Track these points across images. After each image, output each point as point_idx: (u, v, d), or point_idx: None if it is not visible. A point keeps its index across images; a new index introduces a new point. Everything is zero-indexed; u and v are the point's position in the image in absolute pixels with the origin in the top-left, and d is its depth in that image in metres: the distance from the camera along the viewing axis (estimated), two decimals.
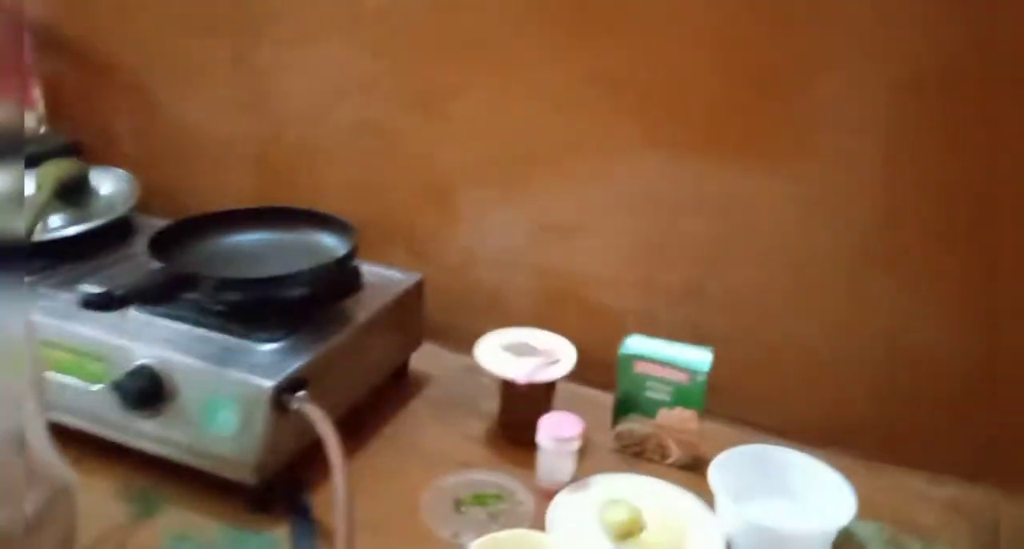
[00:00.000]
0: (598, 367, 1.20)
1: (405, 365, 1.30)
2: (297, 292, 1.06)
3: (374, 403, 1.20)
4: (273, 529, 0.97)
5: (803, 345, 1.20)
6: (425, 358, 1.34)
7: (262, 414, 0.94)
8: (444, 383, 1.30)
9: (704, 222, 1.22)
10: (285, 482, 1.01)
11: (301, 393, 0.96)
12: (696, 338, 1.14)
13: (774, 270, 1.20)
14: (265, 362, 0.98)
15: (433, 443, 1.16)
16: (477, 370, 1.20)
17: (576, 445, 1.05)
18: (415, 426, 1.20)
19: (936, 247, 1.11)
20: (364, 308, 1.13)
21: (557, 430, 1.05)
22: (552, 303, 1.32)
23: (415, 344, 1.28)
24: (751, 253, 1.20)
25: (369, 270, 1.21)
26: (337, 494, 0.88)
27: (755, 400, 1.23)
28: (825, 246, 1.16)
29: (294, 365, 0.98)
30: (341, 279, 1.13)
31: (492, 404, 1.19)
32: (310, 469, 1.01)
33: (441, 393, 1.28)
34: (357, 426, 1.16)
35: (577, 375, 1.27)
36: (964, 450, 1.15)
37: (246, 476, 0.95)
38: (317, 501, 1.01)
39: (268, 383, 0.95)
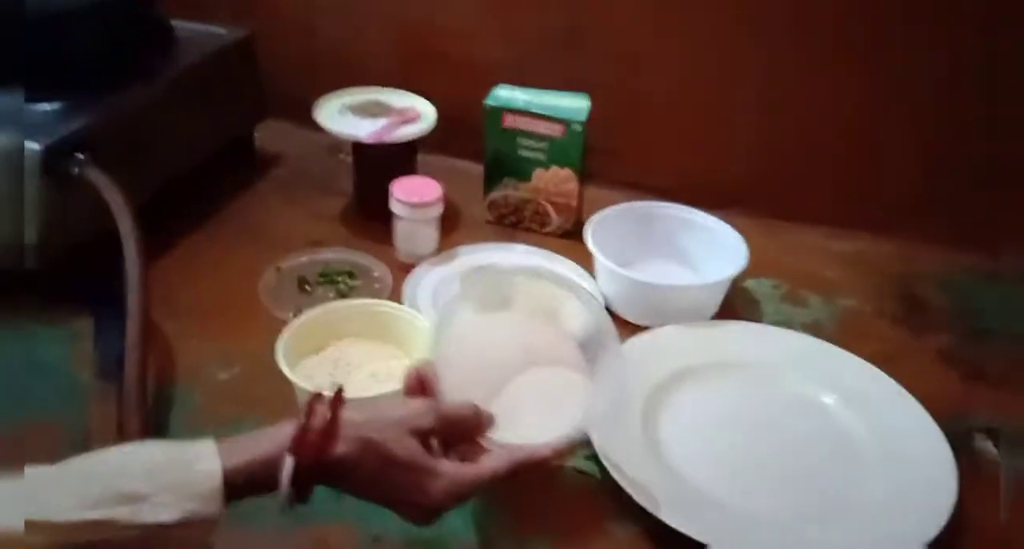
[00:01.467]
0: (468, 134, 1.04)
1: (249, 143, 1.12)
2: (80, 38, 0.85)
3: (211, 184, 1.03)
4: (72, 322, 0.82)
5: (688, 98, 1.06)
6: (275, 136, 1.16)
7: (35, 183, 0.77)
8: (296, 162, 1.13)
9: None
10: (85, 267, 0.85)
11: (81, 155, 0.78)
12: (576, 88, 0.99)
13: (658, 11, 1.02)
14: (39, 122, 0.80)
15: (279, 223, 1.00)
16: (337, 148, 1.04)
17: (435, 211, 0.91)
18: (260, 207, 1.04)
19: None
20: (173, 66, 0.94)
21: (412, 194, 0.90)
22: (412, 62, 1.13)
23: (255, 116, 1.10)
24: None
25: (184, 27, 1.00)
26: (129, 269, 0.73)
27: (640, 159, 1.09)
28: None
29: (74, 125, 0.80)
30: (140, 28, 0.92)
31: (350, 183, 1.04)
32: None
33: (291, 173, 1.11)
34: (188, 207, 0.99)
35: (444, 146, 1.11)
36: (870, 205, 1.05)
37: (28, 260, 0.79)
38: None
39: (37, 145, 0.76)
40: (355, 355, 0.76)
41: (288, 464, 0.52)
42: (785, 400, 0.78)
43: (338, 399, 0.56)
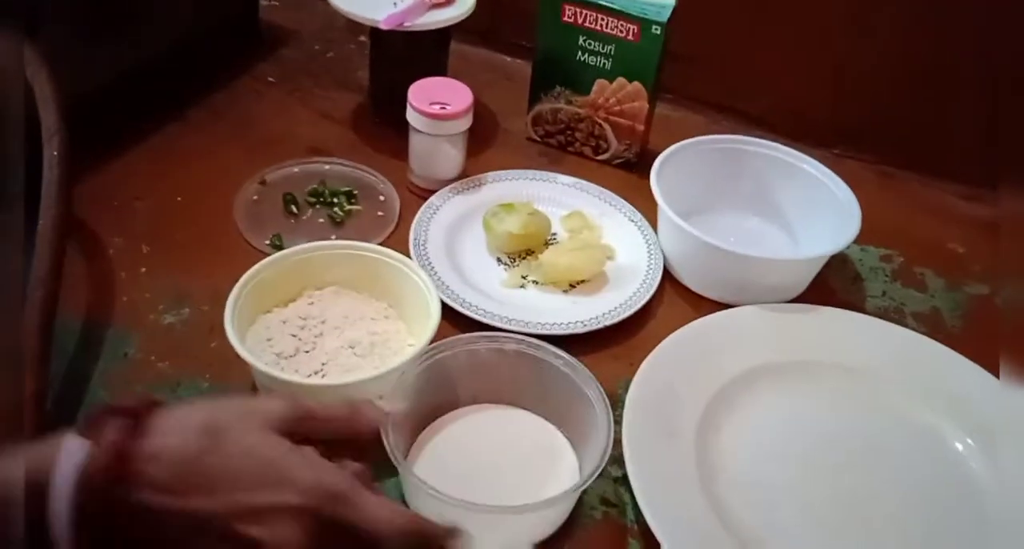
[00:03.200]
0: (519, 24, 0.84)
1: (252, 14, 0.92)
2: None
3: (201, 64, 0.84)
4: None
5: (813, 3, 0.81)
6: (289, 8, 0.96)
7: None
8: (309, 43, 0.93)
9: None
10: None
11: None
12: None
13: None
14: None
15: (276, 120, 0.82)
16: (359, 28, 0.83)
17: (461, 126, 0.71)
18: (256, 96, 0.85)
19: None
20: None
21: (432, 101, 0.70)
22: None
23: None
24: None
25: None
26: (46, 179, 0.56)
27: (729, 74, 0.86)
28: None
29: None
30: None
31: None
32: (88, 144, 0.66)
33: (301, 56, 0.91)
34: (169, 92, 0.81)
35: (489, 36, 0.91)
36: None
37: None
38: (87, 191, 0.69)
39: None
40: (332, 312, 0.59)
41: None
42: (886, 421, 0.60)
43: (146, 410, 0.38)
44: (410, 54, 0.77)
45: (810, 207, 0.71)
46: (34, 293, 0.52)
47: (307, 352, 0.56)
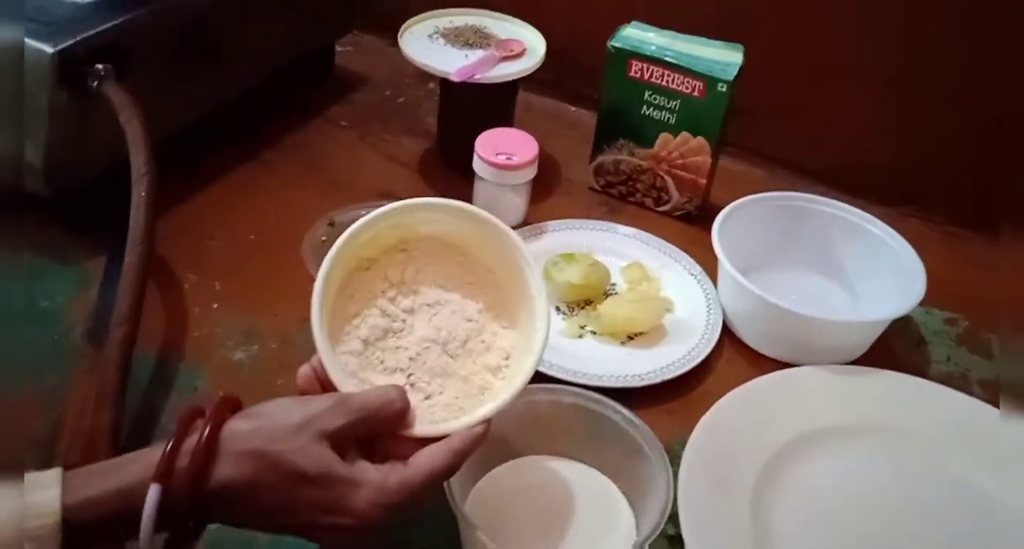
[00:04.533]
0: (587, 77, 0.85)
1: (328, 59, 0.96)
2: None
3: (276, 106, 0.88)
4: (84, 262, 0.69)
5: (868, 56, 0.81)
6: (363, 55, 1.00)
7: (43, 94, 0.63)
8: (381, 89, 0.96)
9: None
10: (103, 200, 0.71)
11: (102, 67, 0.63)
12: (729, 35, 0.77)
13: None
14: (60, 18, 0.65)
15: (347, 163, 0.84)
16: (429, 76, 0.86)
17: (526, 176, 0.73)
18: (329, 139, 0.88)
19: None
20: None
21: (499, 151, 0.72)
22: None
23: (339, 28, 0.93)
24: None
25: None
26: (133, 219, 0.59)
27: (795, 130, 0.87)
28: None
29: (99, 26, 0.65)
30: None
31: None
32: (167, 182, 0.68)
33: (374, 101, 0.94)
34: (246, 132, 0.84)
35: (558, 87, 0.93)
36: None
37: (32, 182, 0.66)
38: (164, 227, 0.72)
39: (49, 47, 0.62)
40: (427, 275, 0.52)
41: (152, 495, 0.39)
42: (942, 488, 0.59)
43: (223, 407, 0.42)
44: (478, 104, 0.79)
45: (873, 267, 0.71)
46: (116, 330, 0.55)
47: (395, 335, 0.51)
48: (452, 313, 0.52)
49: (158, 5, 0.69)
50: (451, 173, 0.82)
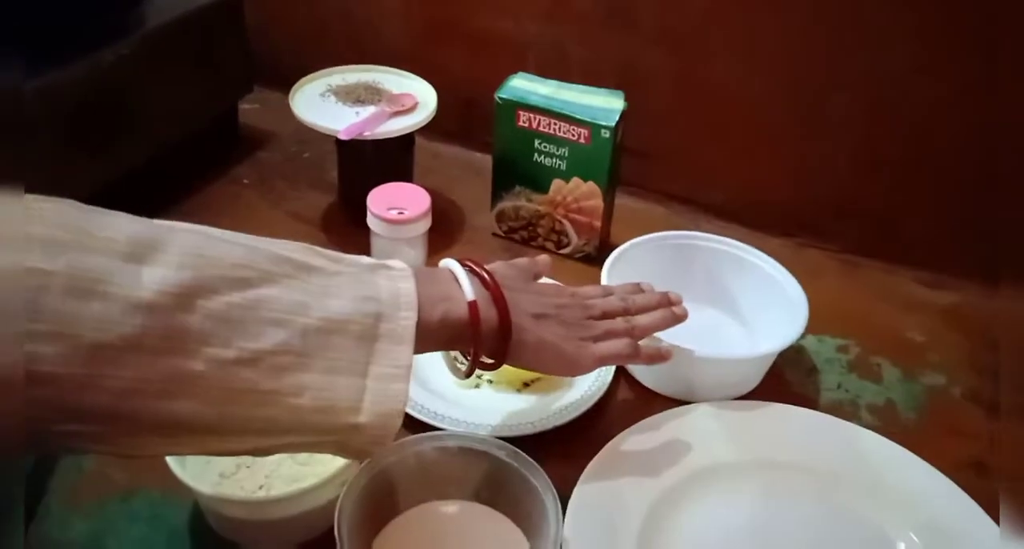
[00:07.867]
0: (487, 124, 0.87)
1: (232, 118, 0.96)
2: None
3: (181, 164, 0.88)
4: None
5: (755, 93, 0.84)
6: (269, 111, 1.00)
7: None
8: (285, 145, 0.97)
9: None
10: None
11: None
12: (620, 82, 0.79)
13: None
14: None
15: (250, 221, 0.84)
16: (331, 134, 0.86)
17: (419, 229, 0.74)
18: (232, 198, 0.88)
19: None
20: (140, 24, 0.78)
21: (390, 206, 0.73)
22: (432, 35, 0.95)
23: (241, 89, 0.94)
24: None
25: None
26: None
27: (690, 167, 0.89)
28: None
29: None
30: None
31: None
32: None
33: (277, 158, 0.95)
34: (151, 190, 0.84)
35: (464, 136, 0.95)
36: (982, 244, 0.83)
37: None
38: None
39: None
40: None
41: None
42: (832, 519, 0.60)
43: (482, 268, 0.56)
44: (374, 159, 0.80)
45: (762, 300, 0.72)
46: None
47: (248, 467, 0.57)
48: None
49: (58, 71, 0.69)
50: (352, 227, 0.82)
